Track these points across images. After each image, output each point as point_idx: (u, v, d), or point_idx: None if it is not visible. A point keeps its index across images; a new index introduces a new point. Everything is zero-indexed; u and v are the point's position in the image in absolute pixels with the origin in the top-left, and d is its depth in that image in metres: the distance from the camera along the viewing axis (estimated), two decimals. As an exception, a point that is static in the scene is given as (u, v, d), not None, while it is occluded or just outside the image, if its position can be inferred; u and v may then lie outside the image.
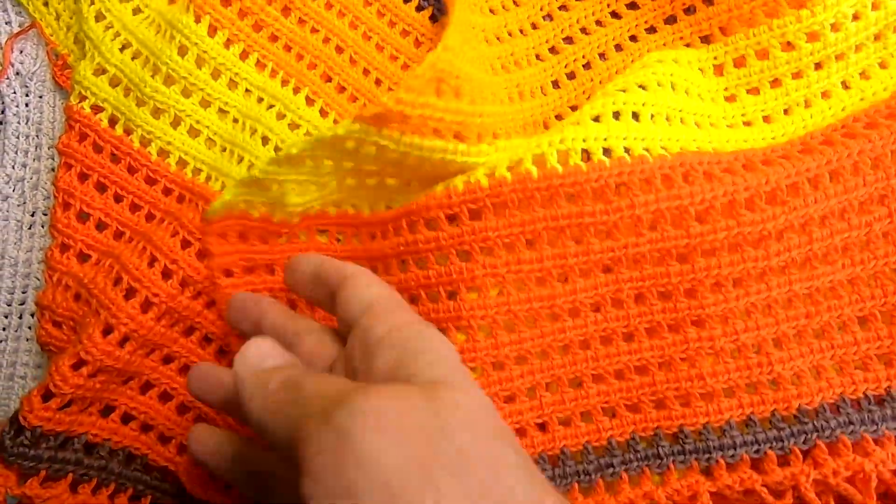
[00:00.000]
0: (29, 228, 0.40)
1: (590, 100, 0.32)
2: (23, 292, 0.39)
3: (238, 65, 0.36)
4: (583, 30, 0.36)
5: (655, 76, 0.31)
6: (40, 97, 0.41)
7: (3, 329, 0.39)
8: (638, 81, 0.31)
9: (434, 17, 0.38)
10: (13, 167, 0.40)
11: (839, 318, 0.30)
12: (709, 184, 0.29)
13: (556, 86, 0.36)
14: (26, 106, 0.40)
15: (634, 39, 0.36)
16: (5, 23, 0.41)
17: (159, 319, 0.33)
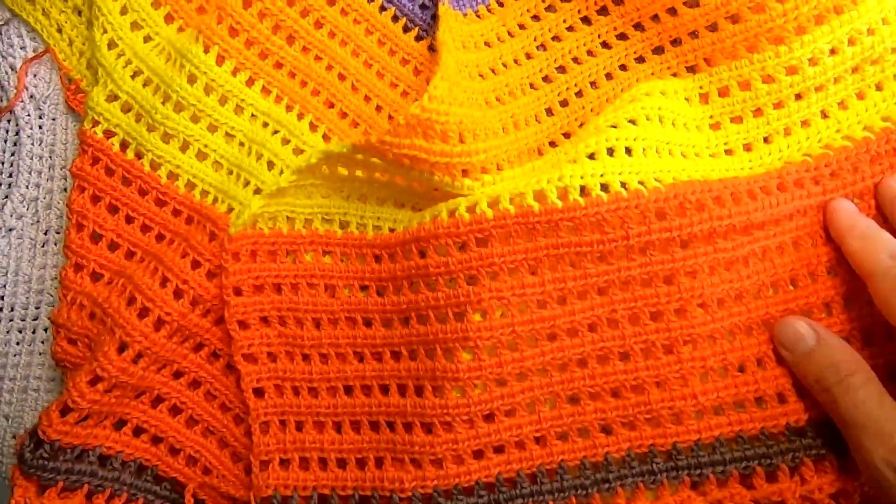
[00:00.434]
0: (42, 246, 0.41)
1: (583, 136, 0.33)
2: (36, 308, 0.40)
3: (244, 91, 0.37)
4: (575, 59, 0.37)
5: (644, 110, 0.32)
6: (53, 120, 0.41)
7: (18, 343, 0.40)
8: (628, 116, 0.32)
9: (432, 48, 0.39)
10: (27, 187, 0.41)
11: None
12: (699, 214, 0.30)
13: (550, 113, 0.37)
14: (40, 128, 0.41)
15: (624, 69, 0.36)
16: (20, 48, 0.42)
17: (171, 337, 0.34)
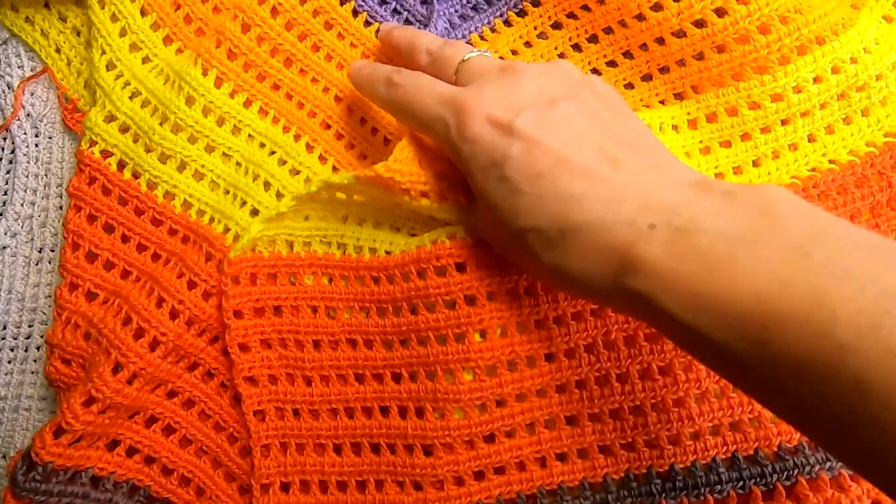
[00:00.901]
0: (36, 265, 0.40)
1: None
2: (29, 326, 0.40)
3: (242, 112, 0.37)
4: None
5: None
6: (50, 138, 0.41)
7: (10, 362, 0.39)
8: None
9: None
10: (22, 205, 0.41)
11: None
12: None
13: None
14: (36, 146, 0.41)
15: (614, 94, 0.37)
16: (18, 67, 0.42)
17: (166, 357, 0.34)
